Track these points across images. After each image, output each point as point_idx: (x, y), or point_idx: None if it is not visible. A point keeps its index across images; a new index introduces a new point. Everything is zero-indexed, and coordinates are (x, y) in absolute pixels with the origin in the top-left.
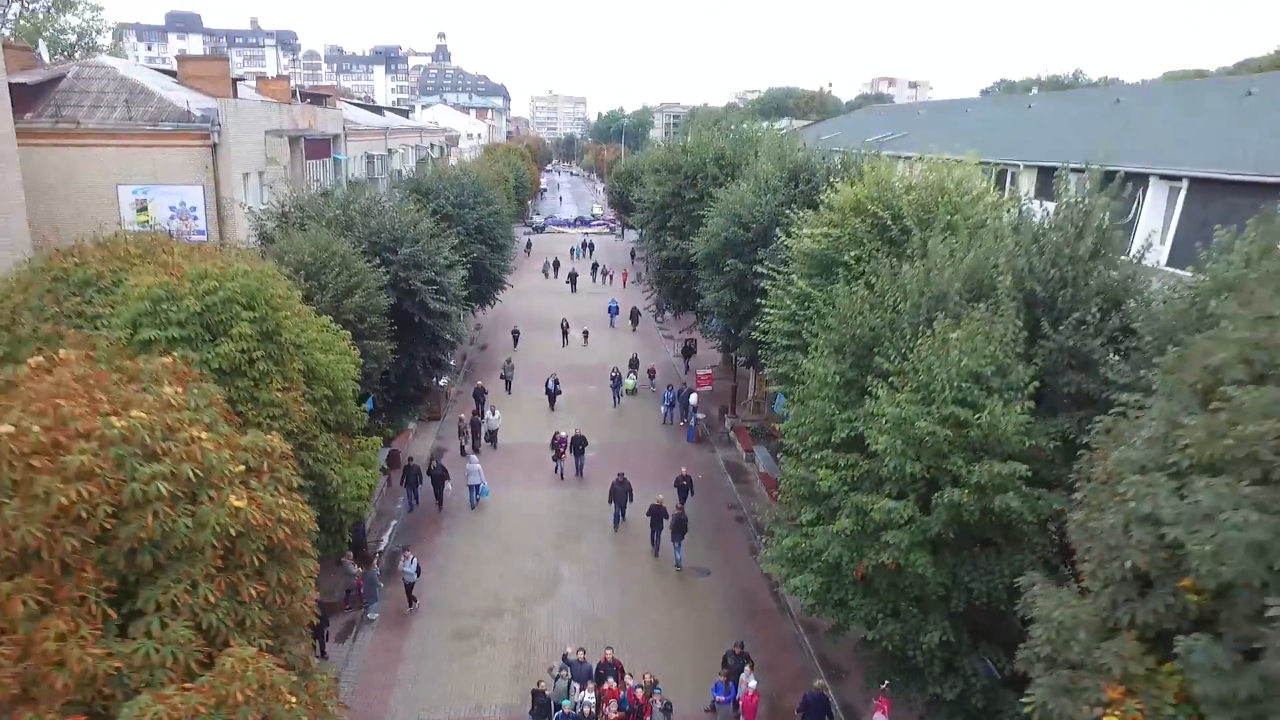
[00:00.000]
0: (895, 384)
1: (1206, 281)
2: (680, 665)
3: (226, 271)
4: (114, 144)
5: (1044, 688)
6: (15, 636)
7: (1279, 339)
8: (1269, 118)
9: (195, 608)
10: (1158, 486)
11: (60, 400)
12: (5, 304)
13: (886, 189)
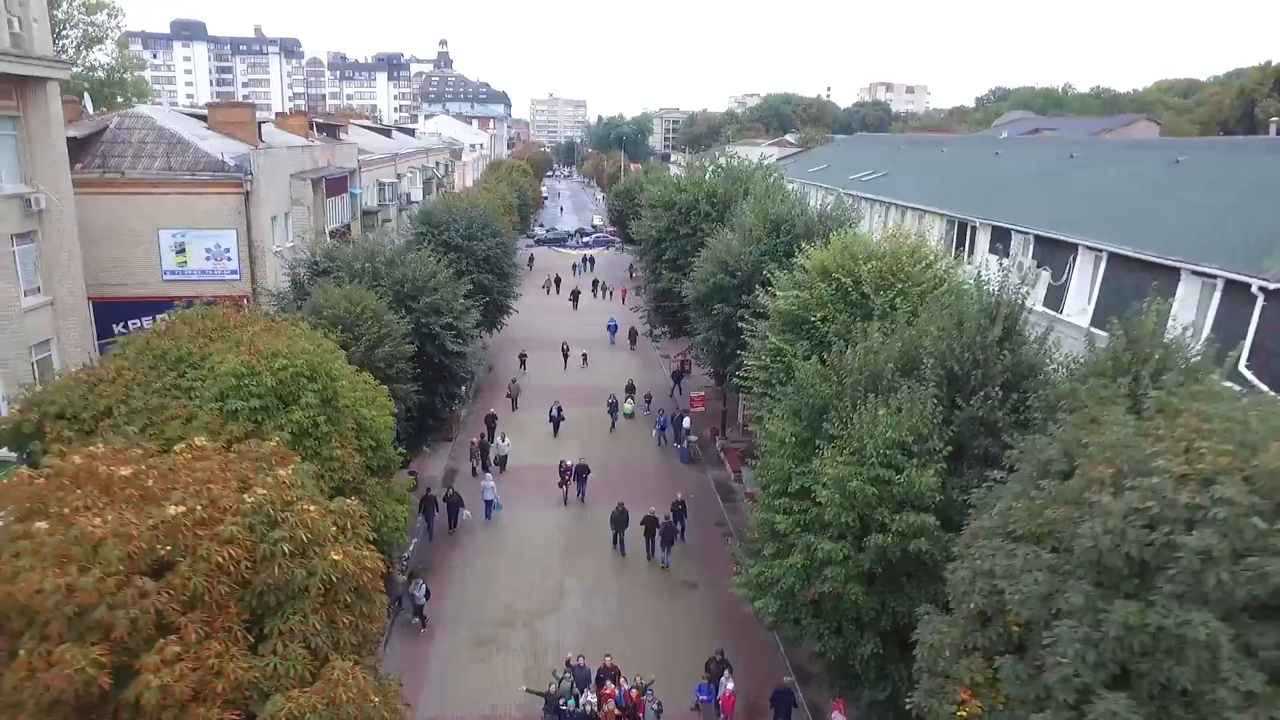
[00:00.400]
0: (838, 446)
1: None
2: (669, 669)
3: (294, 349)
4: (156, 192)
5: (921, 691)
6: (189, 655)
7: (1087, 443)
8: (1185, 193)
9: (306, 633)
10: (995, 550)
11: (210, 485)
12: (120, 380)
13: (849, 257)
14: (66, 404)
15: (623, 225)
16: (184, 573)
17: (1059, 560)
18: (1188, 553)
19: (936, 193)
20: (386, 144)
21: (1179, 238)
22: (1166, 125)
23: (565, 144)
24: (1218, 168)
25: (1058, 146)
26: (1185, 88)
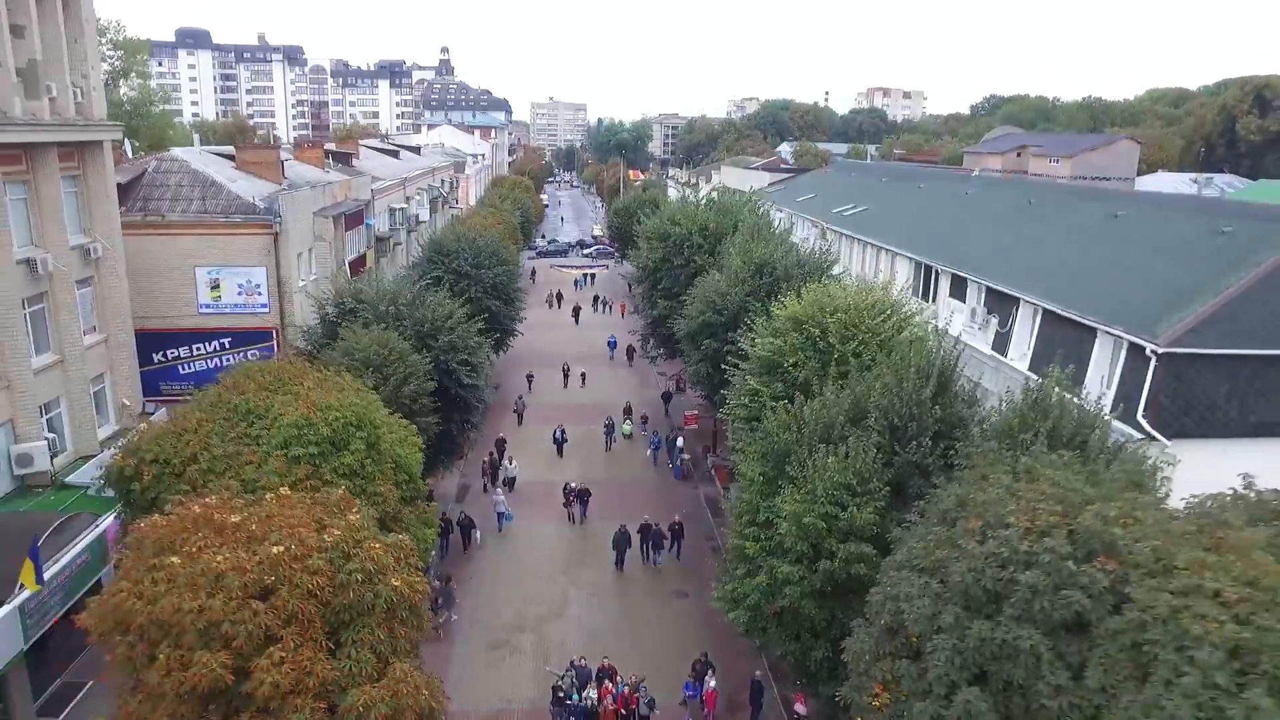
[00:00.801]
0: (796, 485)
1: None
2: (661, 668)
3: (344, 402)
4: (193, 233)
5: (848, 686)
6: (289, 659)
7: (970, 499)
8: (1116, 250)
9: (373, 642)
10: (900, 579)
11: (300, 528)
12: (200, 430)
13: (818, 309)
14: (159, 451)
15: (623, 241)
16: (283, 596)
17: (941, 589)
18: (1023, 587)
19: (908, 233)
20: (394, 166)
21: (1101, 297)
22: (1152, 140)
23: (565, 149)
24: (1148, 224)
25: (1019, 191)
26: (1176, 97)
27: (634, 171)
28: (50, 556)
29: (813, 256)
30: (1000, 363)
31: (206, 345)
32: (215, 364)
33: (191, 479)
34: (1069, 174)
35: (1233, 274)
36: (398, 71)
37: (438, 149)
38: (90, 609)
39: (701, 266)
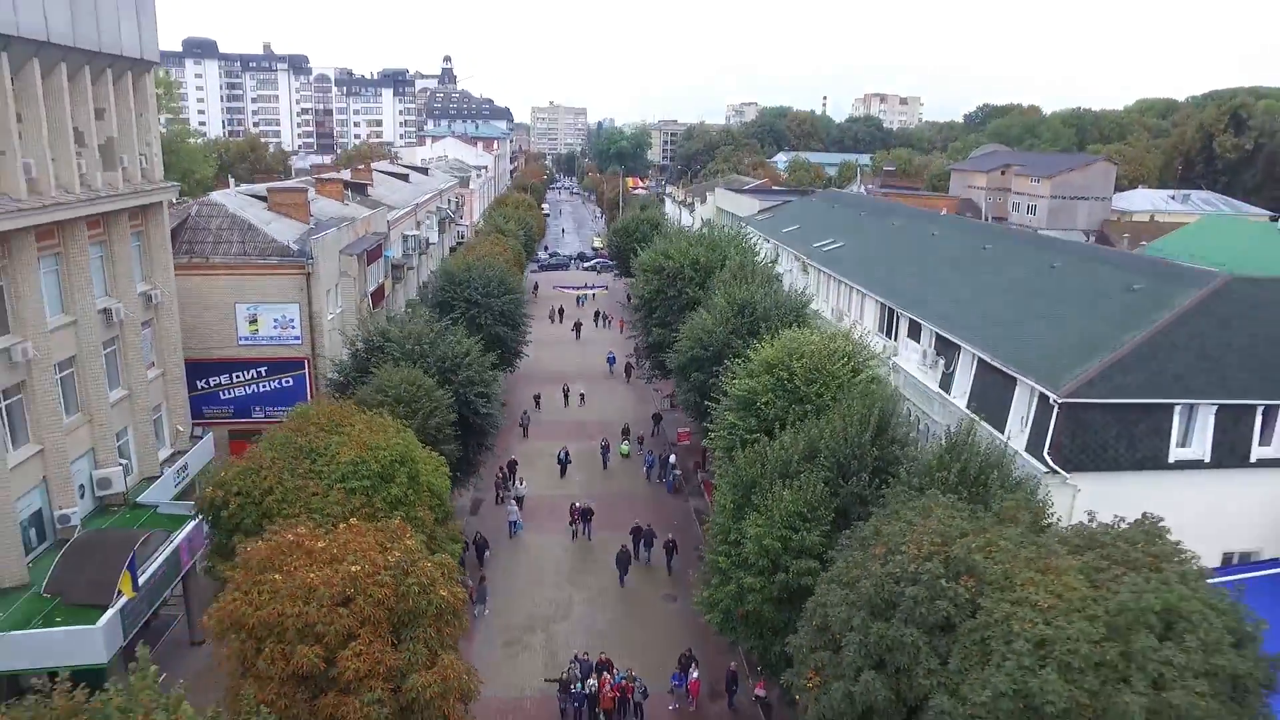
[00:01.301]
0: (760, 512)
1: (909, 473)
2: (652, 662)
3: (389, 443)
4: (234, 274)
5: (789, 673)
6: (365, 651)
7: (882, 531)
8: (1045, 303)
9: (426, 639)
10: (829, 591)
11: (370, 552)
12: (273, 467)
13: (787, 354)
14: (242, 484)
15: (622, 259)
16: (360, 604)
17: (855, 598)
18: (908, 598)
19: (876, 273)
20: (405, 191)
21: (1024, 347)
22: (1133, 157)
23: (566, 154)
24: (1076, 277)
25: (977, 236)
26: (1164, 108)
27: (633, 179)
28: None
29: (789, 299)
30: (945, 399)
31: (245, 374)
32: (252, 390)
33: (268, 508)
34: (1049, 193)
35: (1131, 331)
36: (401, 80)
37: (442, 162)
38: (209, 614)
39: (693, 298)
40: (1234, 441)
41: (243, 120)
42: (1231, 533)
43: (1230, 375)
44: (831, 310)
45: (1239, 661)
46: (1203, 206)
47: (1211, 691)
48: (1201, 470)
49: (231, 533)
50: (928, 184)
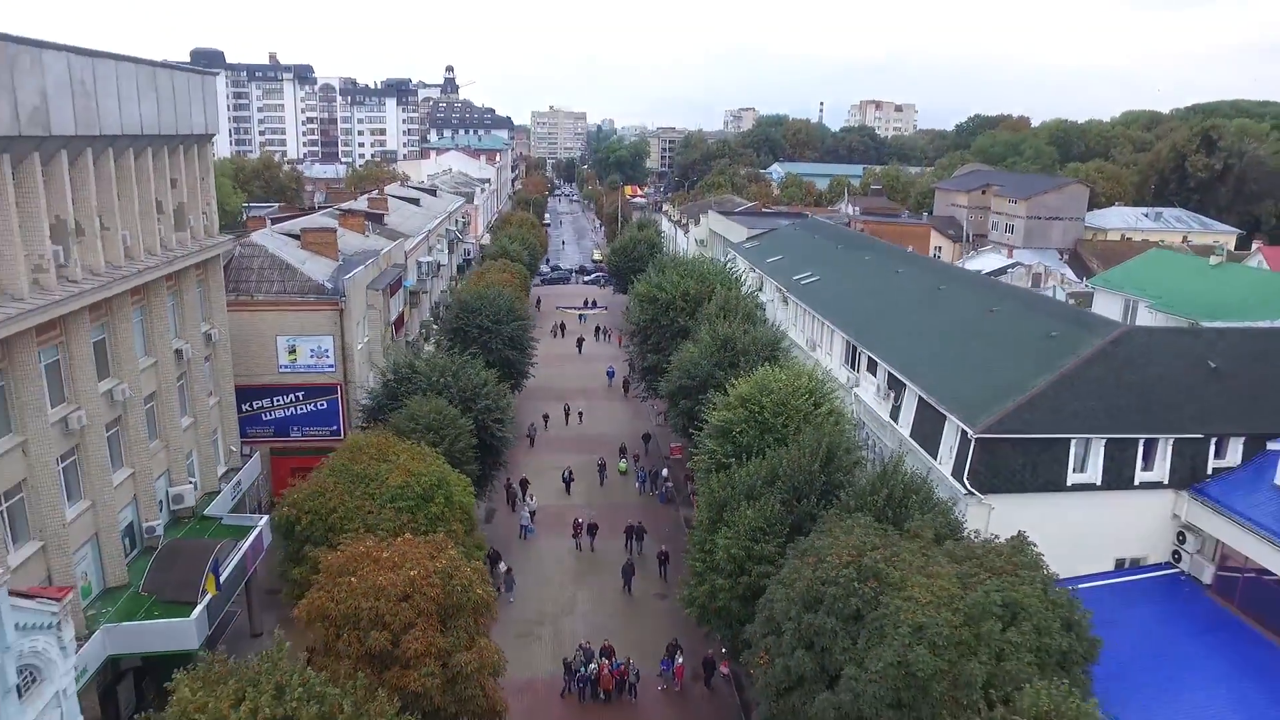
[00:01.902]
0: (729, 525)
1: (847, 494)
2: (645, 650)
3: (429, 469)
4: (275, 310)
5: (746, 653)
6: (422, 636)
7: (816, 545)
8: (979, 346)
9: (466, 626)
10: (776, 590)
11: (423, 560)
12: (335, 490)
13: (759, 390)
14: (311, 505)
15: (620, 277)
16: (417, 600)
17: (792, 595)
18: (829, 596)
19: (844, 309)
20: (418, 217)
21: (955, 387)
22: (1111, 175)
23: (566, 161)
24: (1009, 322)
25: (934, 276)
26: (1148, 120)
27: (632, 188)
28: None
29: (765, 335)
30: (894, 427)
31: (284, 398)
32: (291, 412)
33: (332, 523)
34: (1025, 214)
35: (1042, 374)
36: (404, 90)
37: (447, 176)
38: (300, 608)
39: (684, 326)
40: (1120, 468)
41: (249, 129)
42: (1122, 542)
43: (1119, 413)
44: (806, 340)
45: (1064, 641)
46: (1174, 224)
47: (1039, 663)
48: (1094, 492)
49: (303, 544)
50: (914, 201)
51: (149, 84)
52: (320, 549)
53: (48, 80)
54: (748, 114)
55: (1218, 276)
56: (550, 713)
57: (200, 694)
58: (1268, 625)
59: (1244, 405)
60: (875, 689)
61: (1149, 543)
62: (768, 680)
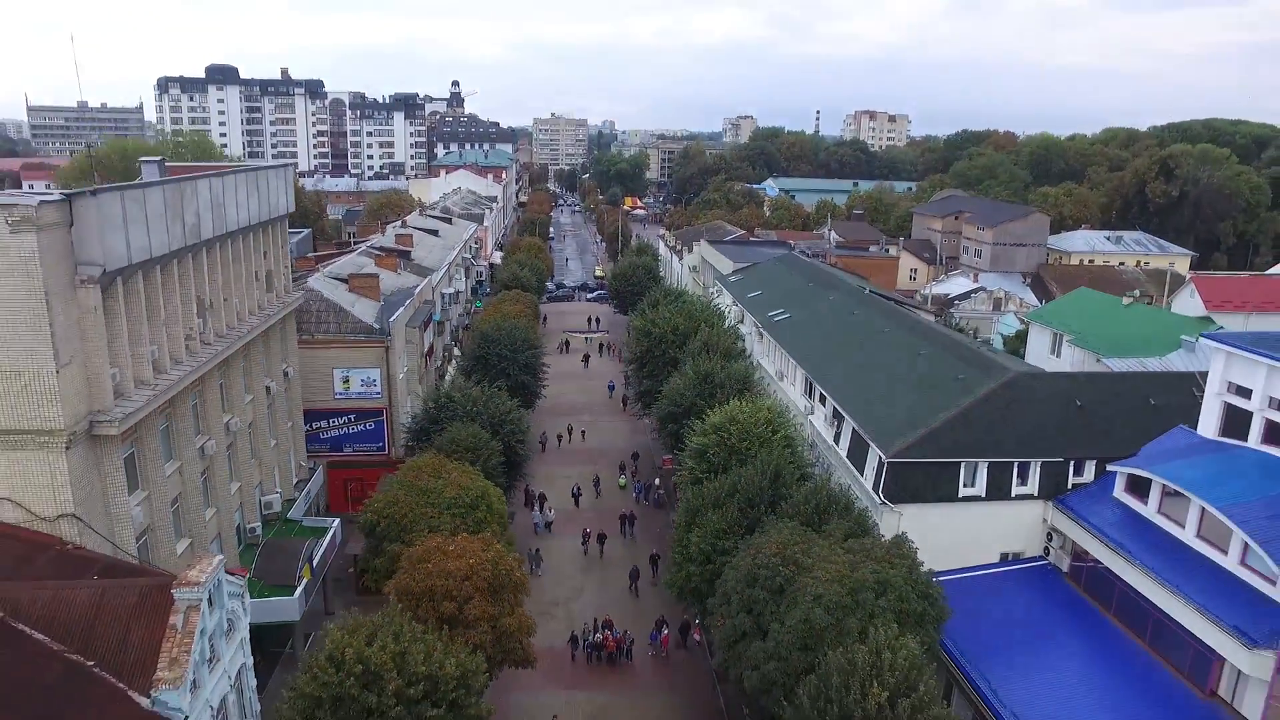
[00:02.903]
0: (701, 528)
1: (793, 505)
2: (638, 624)
3: (475, 484)
4: (332, 346)
5: (709, 620)
6: (479, 605)
7: (757, 541)
8: (903, 384)
9: (508, 599)
10: (731, 574)
11: (477, 552)
12: (404, 500)
13: (729, 420)
14: (388, 512)
15: (621, 298)
16: (474, 580)
17: (738, 576)
18: (761, 576)
19: (807, 345)
20: (439, 248)
21: (879, 420)
22: (1080, 199)
23: (568, 171)
24: (929, 363)
25: (880, 319)
26: (1126, 138)
27: (632, 200)
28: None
29: (739, 370)
30: (836, 449)
31: (339, 420)
32: (344, 432)
33: (404, 525)
34: (992, 240)
35: (945, 410)
36: (411, 104)
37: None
38: (389, 587)
39: (674, 356)
40: (1000, 484)
41: (261, 141)
42: (1004, 540)
43: (1001, 442)
44: (776, 371)
45: (920, 606)
46: (1134, 247)
47: (900, 621)
48: (980, 502)
49: (381, 541)
50: (894, 224)
51: (254, 186)
52: (396, 545)
53: (199, 202)
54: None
55: (1126, 315)
56: (565, 670)
57: (344, 636)
58: (1100, 601)
59: (1097, 435)
60: (789, 638)
61: (1025, 540)
62: (722, 636)
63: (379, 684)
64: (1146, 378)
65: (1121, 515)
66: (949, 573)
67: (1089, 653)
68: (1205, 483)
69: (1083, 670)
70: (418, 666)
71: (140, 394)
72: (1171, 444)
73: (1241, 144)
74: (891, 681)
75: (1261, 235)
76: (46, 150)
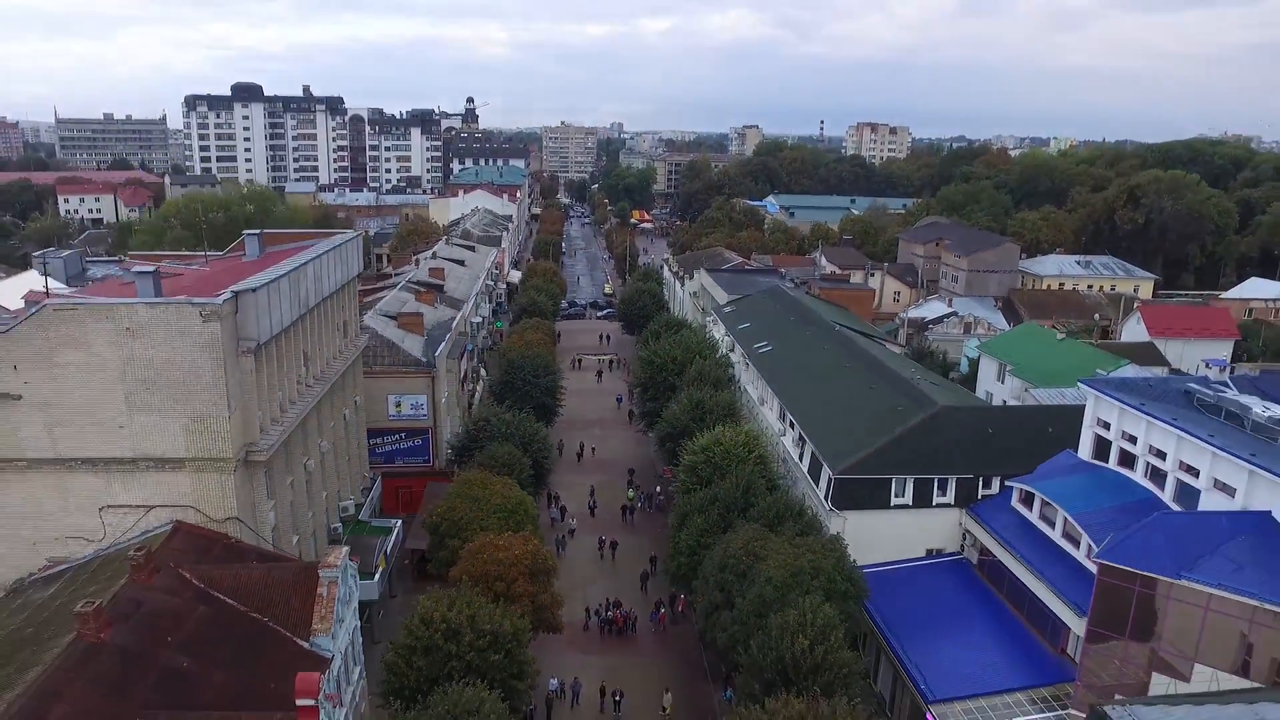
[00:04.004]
0: (689, 528)
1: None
2: (641, 604)
3: (514, 495)
4: (386, 376)
5: (694, 597)
6: (521, 586)
7: (729, 538)
8: (853, 413)
9: (543, 581)
10: (709, 560)
11: (520, 546)
12: (459, 507)
13: (714, 443)
14: (446, 515)
15: (628, 320)
16: (518, 567)
17: (714, 564)
18: (731, 561)
19: (783, 375)
20: (466, 278)
21: (832, 443)
22: (1054, 223)
23: (578, 183)
24: (876, 396)
25: (842, 353)
26: (1112, 156)
27: (639, 213)
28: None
29: (725, 399)
30: (800, 466)
31: (392, 437)
32: (395, 448)
33: (460, 526)
34: (967, 267)
35: (883, 436)
36: (427, 120)
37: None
38: (454, 572)
39: (673, 383)
40: (924, 495)
41: (284, 157)
42: (929, 539)
43: (926, 462)
44: (758, 396)
45: (844, 586)
46: (1102, 271)
47: (828, 596)
48: (908, 509)
49: (443, 538)
50: (881, 248)
51: (339, 257)
52: (455, 540)
53: (308, 280)
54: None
55: (1059, 349)
56: (581, 639)
57: (432, 604)
58: (996, 587)
59: (1002, 457)
60: (748, 608)
61: (945, 539)
62: (702, 608)
63: (457, 637)
64: (1047, 410)
65: (1014, 521)
66: (884, 564)
67: (984, 626)
68: (1068, 496)
69: (978, 639)
70: (484, 625)
71: (274, 430)
72: (1058, 464)
73: (1219, 164)
74: (812, 634)
75: (1227, 256)
76: (75, 160)
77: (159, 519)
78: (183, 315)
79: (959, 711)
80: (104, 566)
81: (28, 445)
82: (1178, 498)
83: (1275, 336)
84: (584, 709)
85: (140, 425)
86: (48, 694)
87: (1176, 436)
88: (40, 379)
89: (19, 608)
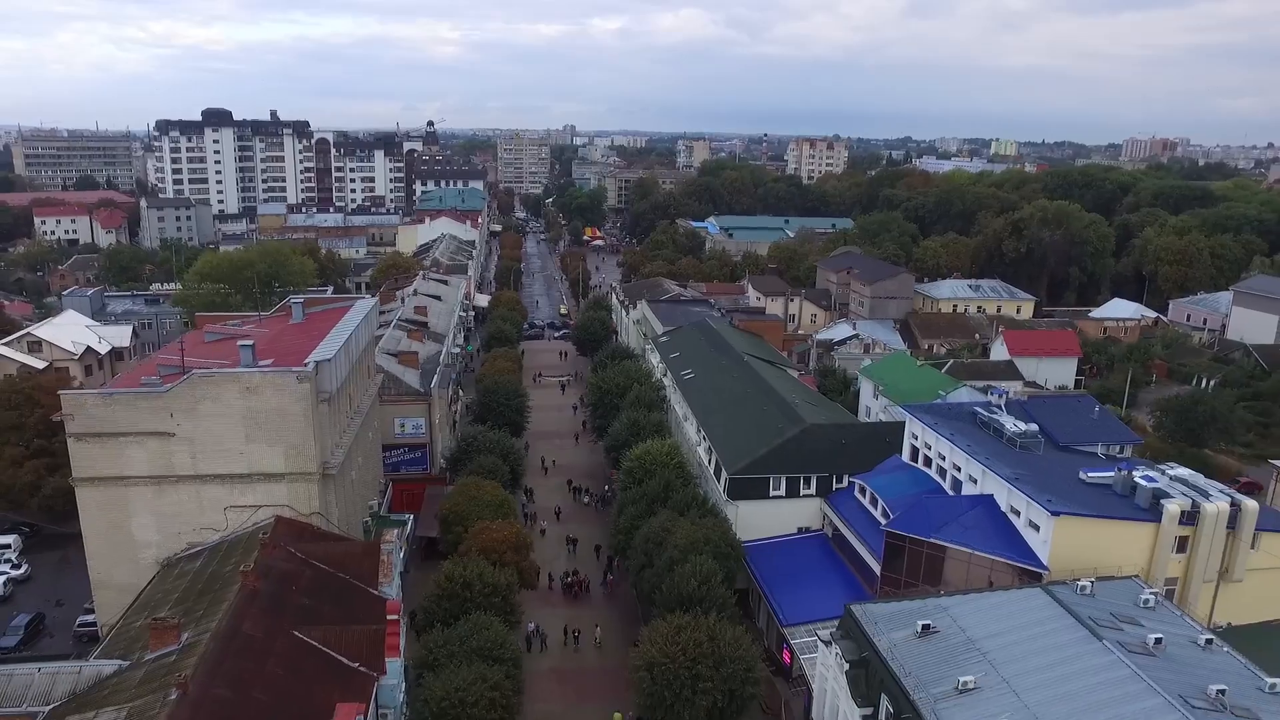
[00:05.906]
0: (624, 516)
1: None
2: (594, 572)
3: (500, 495)
4: (393, 403)
5: (629, 565)
6: (509, 555)
7: (651, 522)
8: (754, 428)
9: (524, 552)
10: (636, 538)
11: (510, 529)
12: (463, 505)
13: (646, 454)
14: (453, 510)
15: (581, 344)
16: (507, 543)
17: (640, 539)
18: (652, 534)
19: (700, 397)
20: (444, 312)
21: (735, 451)
22: (954, 250)
23: (533, 199)
24: (769, 415)
25: (748, 381)
26: (1018, 179)
27: (591, 230)
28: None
29: (656, 418)
30: (708, 469)
31: (398, 450)
32: (400, 459)
33: (464, 516)
34: (871, 294)
35: (766, 446)
36: (390, 142)
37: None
38: (462, 546)
39: (617, 405)
40: (794, 488)
41: (253, 179)
42: (799, 520)
43: (796, 463)
44: (683, 414)
45: (725, 549)
46: (990, 293)
47: (715, 557)
48: (783, 499)
49: (451, 525)
50: (803, 273)
51: (368, 320)
52: (459, 527)
53: (354, 343)
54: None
55: (918, 373)
56: (547, 597)
57: (452, 566)
58: (843, 553)
59: (851, 460)
60: (662, 565)
61: (810, 520)
62: (632, 569)
63: (469, 588)
64: (886, 425)
65: (855, 506)
66: (766, 539)
67: (830, 578)
68: (885, 487)
69: (824, 588)
70: (488, 579)
71: (338, 452)
72: (887, 465)
73: (1109, 189)
74: (699, 578)
75: (1104, 276)
76: (40, 178)
77: (264, 515)
78: (285, 378)
79: (802, 631)
80: (231, 548)
81: (178, 466)
82: (953, 487)
83: (1119, 352)
84: (551, 647)
85: (254, 451)
86: (238, 615)
87: (949, 445)
88: (187, 422)
89: (180, 574)
